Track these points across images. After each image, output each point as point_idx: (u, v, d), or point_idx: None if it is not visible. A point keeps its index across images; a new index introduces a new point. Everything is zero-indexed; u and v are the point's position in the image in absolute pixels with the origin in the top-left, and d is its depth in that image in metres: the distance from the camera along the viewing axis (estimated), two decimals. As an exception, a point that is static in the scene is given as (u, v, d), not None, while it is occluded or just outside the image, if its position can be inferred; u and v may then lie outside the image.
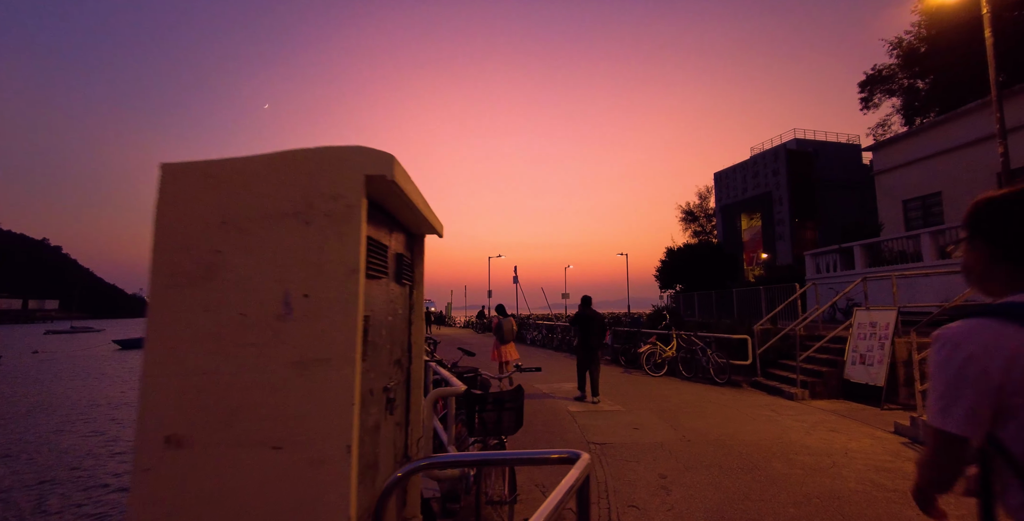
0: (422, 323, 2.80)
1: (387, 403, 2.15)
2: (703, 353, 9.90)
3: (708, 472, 4.12)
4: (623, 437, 5.26)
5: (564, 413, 6.56)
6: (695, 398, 7.70)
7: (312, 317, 1.52)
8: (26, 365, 29.32)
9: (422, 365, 2.78)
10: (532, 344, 19.47)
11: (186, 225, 1.55)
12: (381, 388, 2.07)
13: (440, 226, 2.78)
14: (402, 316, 2.51)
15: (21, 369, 27.30)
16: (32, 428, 10.65)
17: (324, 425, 1.48)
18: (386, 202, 1.96)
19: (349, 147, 1.58)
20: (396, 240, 2.35)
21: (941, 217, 13.76)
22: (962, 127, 13.64)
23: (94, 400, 15.25)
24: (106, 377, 24.45)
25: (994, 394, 0.86)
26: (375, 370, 1.97)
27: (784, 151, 36.69)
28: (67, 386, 20.84)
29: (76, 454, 8.30)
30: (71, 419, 11.74)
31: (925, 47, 21.93)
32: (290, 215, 1.56)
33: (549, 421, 6.07)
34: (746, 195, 39.98)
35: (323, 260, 1.55)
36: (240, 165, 1.58)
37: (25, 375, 25.22)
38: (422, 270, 2.82)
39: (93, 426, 10.89)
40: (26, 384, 21.40)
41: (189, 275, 1.53)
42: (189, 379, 1.48)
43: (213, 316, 1.51)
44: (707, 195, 43.18)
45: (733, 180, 41.64)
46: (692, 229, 41.14)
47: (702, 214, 42.72)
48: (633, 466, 4.29)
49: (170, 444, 1.45)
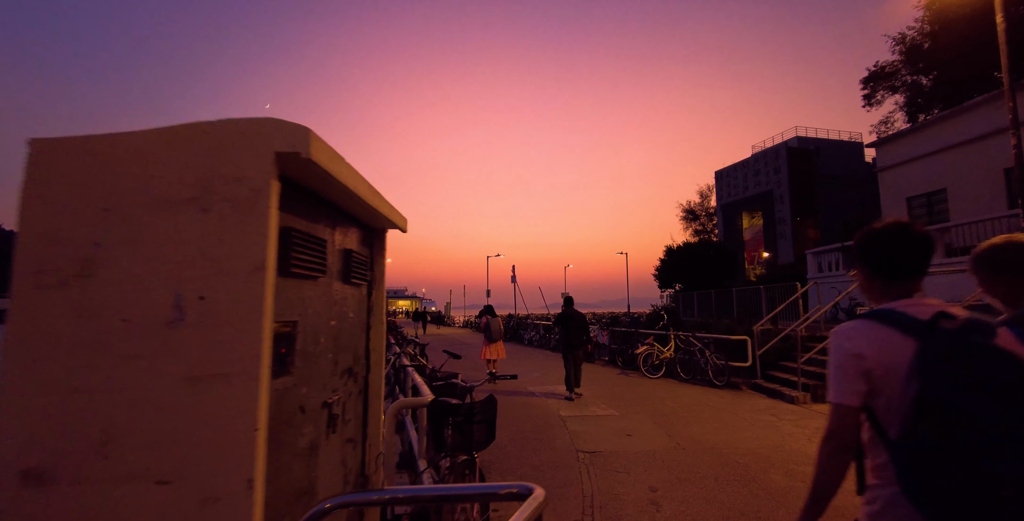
0: (382, 327, 2.53)
1: (329, 420, 1.89)
2: (701, 354, 9.62)
3: (702, 485, 3.86)
4: (614, 444, 4.99)
5: (554, 418, 6.29)
6: (692, 401, 7.43)
7: (209, 323, 1.26)
8: None
9: (382, 374, 2.51)
10: (529, 344, 19.18)
11: (59, 212, 1.29)
12: (320, 404, 1.81)
13: (401, 219, 2.51)
14: (355, 320, 2.24)
15: None
16: None
17: (220, 455, 1.22)
18: (322, 189, 1.70)
19: (256, 119, 1.31)
20: (344, 235, 2.09)
21: (946, 214, 13.45)
22: (968, 122, 13.33)
23: None
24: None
25: (868, 376, 1.17)
26: (310, 383, 1.71)
27: (785, 149, 36.38)
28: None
29: None
30: None
31: (928, 43, 21.60)
32: (185, 201, 1.30)
33: (538, 427, 5.81)
34: (747, 193, 39.68)
35: (223, 255, 1.28)
36: (127, 141, 1.32)
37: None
38: (383, 268, 2.56)
39: None
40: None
41: (61, 272, 1.27)
42: (55, 398, 1.22)
43: (88, 322, 1.25)
44: (708, 194, 42.86)
45: (734, 178, 41.33)
46: (693, 228, 40.80)
47: (703, 213, 42.39)
48: (623, 478, 4.03)
49: (28, 480, 1.19)
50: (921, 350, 1.08)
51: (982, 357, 1.01)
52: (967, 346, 1.03)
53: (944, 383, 1.01)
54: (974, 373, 1.00)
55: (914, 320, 1.16)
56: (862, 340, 1.20)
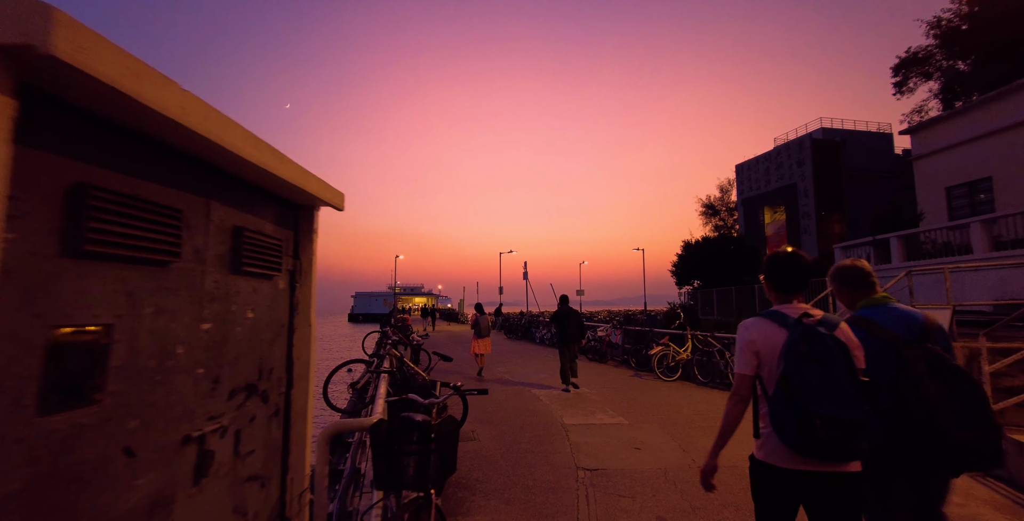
0: (311, 331, 2.01)
1: (199, 461, 1.37)
2: (721, 356, 8.93)
3: (719, 515, 3.26)
4: (620, 460, 4.41)
5: (556, 427, 5.73)
6: (710, 408, 6.79)
7: None
8: None
9: (309, 389, 1.99)
10: (541, 342, 18.57)
11: None
12: (176, 440, 1.29)
13: (333, 195, 1.98)
14: (260, 323, 1.72)
15: None
16: None
17: None
18: (153, 129, 1.17)
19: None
20: (235, 209, 1.57)
21: (992, 205, 12.40)
22: (1016, 105, 12.25)
23: None
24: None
25: (757, 354, 1.69)
26: (147, 414, 1.19)
27: (810, 141, 34.97)
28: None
29: None
30: None
31: (967, 24, 20.26)
32: None
33: (538, 437, 5.26)
34: (769, 187, 38.33)
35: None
36: None
37: None
38: (312, 256, 2.03)
39: None
40: None
41: None
42: None
43: None
44: (728, 188, 41.51)
45: (756, 172, 39.99)
46: (713, 223, 39.53)
47: (723, 208, 41.05)
48: (626, 504, 3.46)
49: None
50: (787, 338, 1.62)
51: (817, 342, 1.55)
52: (812, 335, 1.57)
53: (793, 357, 1.56)
54: (810, 351, 1.54)
55: (787, 318, 1.69)
56: (755, 330, 1.72)
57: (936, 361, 1.71)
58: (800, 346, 1.54)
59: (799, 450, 1.51)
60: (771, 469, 1.64)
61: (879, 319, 1.87)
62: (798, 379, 1.51)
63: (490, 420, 5.96)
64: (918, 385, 1.68)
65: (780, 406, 1.55)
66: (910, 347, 1.76)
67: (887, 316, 1.89)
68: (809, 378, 1.50)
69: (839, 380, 1.49)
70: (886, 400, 1.71)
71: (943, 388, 1.67)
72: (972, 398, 1.66)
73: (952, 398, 1.65)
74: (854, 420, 1.45)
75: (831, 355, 1.51)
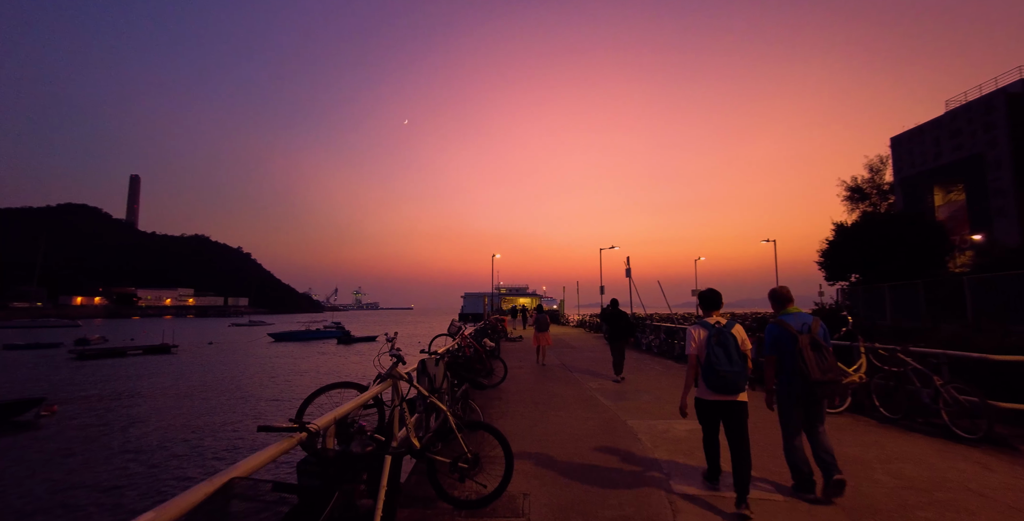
0: None
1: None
2: (925, 381, 6.06)
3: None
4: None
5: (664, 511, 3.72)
6: (928, 474, 4.19)
7: None
8: (196, 354, 33.98)
9: None
10: (648, 351, 15.82)
11: None
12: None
13: None
14: None
15: (188, 358, 31.55)
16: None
17: None
18: None
19: None
20: None
21: None
22: None
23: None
24: (249, 367, 26.91)
25: (696, 343, 3.72)
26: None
27: (1004, 97, 27.32)
28: (210, 376, 22.98)
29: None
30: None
31: None
32: None
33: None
34: (940, 161, 30.87)
35: None
36: None
37: (191, 363, 28.93)
38: None
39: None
40: (181, 374, 24.18)
41: None
42: None
43: None
44: (881, 167, 34.07)
45: (920, 144, 32.55)
46: (861, 209, 32.61)
47: (873, 191, 33.67)
48: None
49: None
50: (708, 334, 3.66)
51: (721, 335, 3.61)
52: (718, 332, 3.63)
53: (710, 343, 3.60)
54: (717, 340, 3.59)
55: (708, 324, 3.73)
56: (694, 330, 3.75)
57: (814, 341, 3.61)
58: (713, 338, 3.60)
59: (713, 389, 3.57)
60: (703, 401, 3.71)
61: (787, 320, 3.81)
62: (712, 354, 3.56)
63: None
64: (801, 353, 3.56)
65: (705, 368, 3.60)
66: (801, 335, 3.63)
67: (792, 319, 3.81)
68: (717, 353, 3.55)
69: (731, 354, 3.54)
70: (789, 362, 3.67)
71: (816, 355, 3.57)
72: (829, 358, 3.58)
73: (820, 360, 3.55)
74: (737, 373, 3.51)
75: (727, 341, 3.58)
